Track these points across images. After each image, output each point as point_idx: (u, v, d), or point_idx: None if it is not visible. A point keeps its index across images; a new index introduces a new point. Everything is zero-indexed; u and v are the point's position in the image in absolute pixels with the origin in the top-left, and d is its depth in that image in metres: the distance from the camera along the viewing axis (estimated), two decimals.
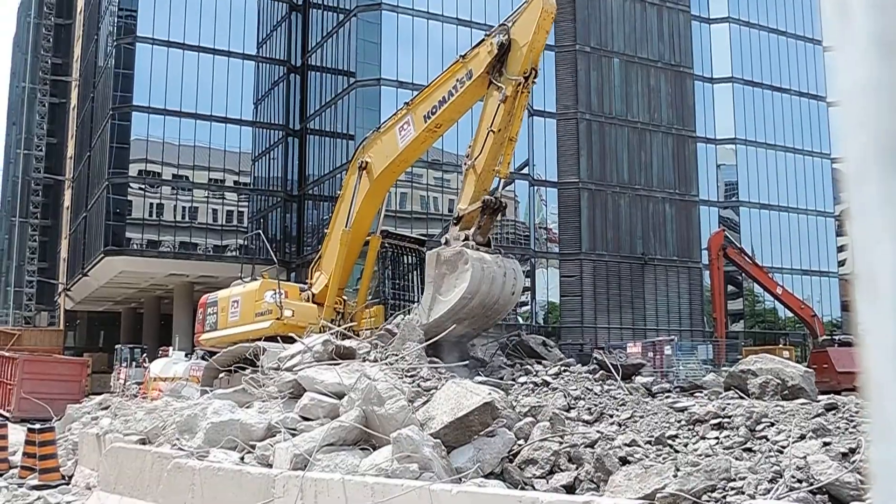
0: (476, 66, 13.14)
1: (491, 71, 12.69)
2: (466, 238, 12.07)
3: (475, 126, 12.93)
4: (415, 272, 17.73)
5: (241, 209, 48.74)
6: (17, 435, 16.24)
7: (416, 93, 41.33)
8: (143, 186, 46.32)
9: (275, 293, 15.63)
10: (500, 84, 12.48)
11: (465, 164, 12.74)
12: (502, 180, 12.89)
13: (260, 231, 45.92)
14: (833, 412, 7.66)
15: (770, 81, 55.79)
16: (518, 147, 13.95)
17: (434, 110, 14.01)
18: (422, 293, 17.66)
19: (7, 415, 27.06)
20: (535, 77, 12.54)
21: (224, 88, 47.29)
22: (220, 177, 48.04)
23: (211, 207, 47.57)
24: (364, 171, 15.42)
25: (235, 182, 48.57)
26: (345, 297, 16.49)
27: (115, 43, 47.18)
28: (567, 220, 47.21)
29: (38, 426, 13.74)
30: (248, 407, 10.01)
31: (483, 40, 13.11)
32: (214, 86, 46.99)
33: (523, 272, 45.74)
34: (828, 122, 57.05)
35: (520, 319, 45.28)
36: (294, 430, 8.45)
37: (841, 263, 55.90)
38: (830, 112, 57.70)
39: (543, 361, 11.84)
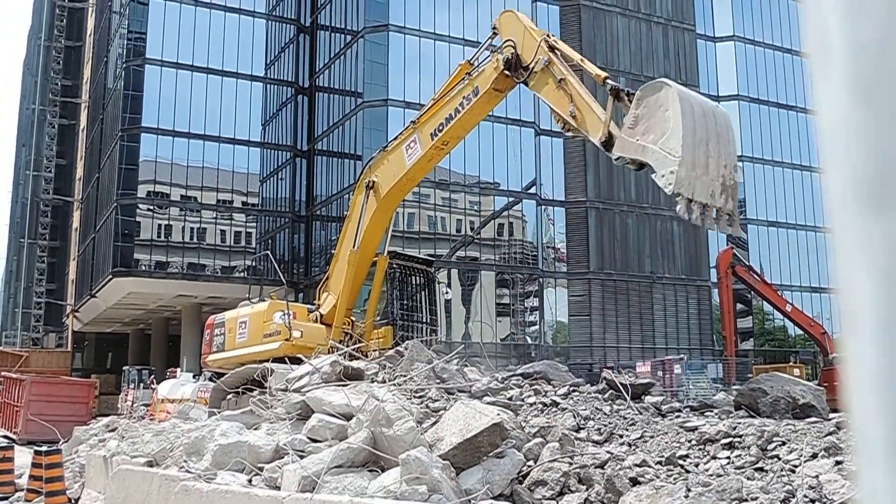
0: (482, 83, 13.24)
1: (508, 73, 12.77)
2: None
3: (482, 144, 13.04)
4: (423, 292, 17.69)
5: (249, 230, 48.85)
6: (23, 457, 16.20)
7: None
8: (151, 207, 46.48)
9: (284, 314, 15.60)
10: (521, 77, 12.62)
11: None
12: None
13: (268, 252, 46.03)
14: (845, 430, 7.59)
15: (776, 99, 55.82)
16: (525, 166, 14.04)
17: (441, 127, 14.03)
18: (429, 314, 17.66)
19: (14, 437, 27.02)
20: None
21: (232, 110, 47.54)
22: (228, 198, 48.19)
23: (219, 228, 47.70)
24: (371, 191, 15.41)
25: (243, 203, 48.71)
26: (353, 318, 16.44)
27: (124, 65, 47.51)
28: (575, 239, 47.18)
29: (44, 448, 13.70)
30: (256, 429, 9.97)
31: (489, 57, 13.18)
32: (223, 107, 47.25)
33: (531, 292, 45.81)
34: None
35: (528, 339, 45.21)
36: (302, 451, 8.41)
37: None
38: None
39: (553, 381, 11.77)
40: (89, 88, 65.04)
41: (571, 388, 10.92)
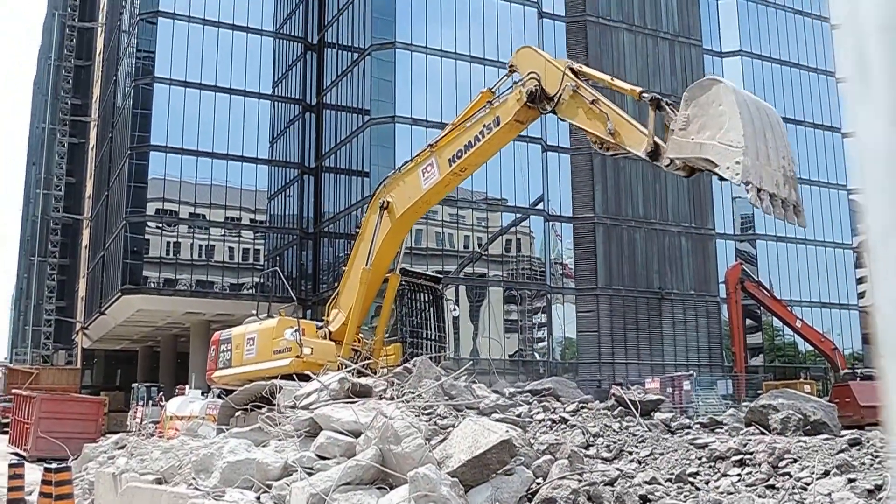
0: (504, 114, 13.18)
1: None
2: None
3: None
4: (431, 309, 17.67)
5: (257, 247, 48.96)
6: (33, 474, 16.20)
7: (430, 129, 41.38)
8: (160, 225, 46.64)
9: (295, 330, 15.58)
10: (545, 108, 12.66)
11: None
12: None
13: (277, 268, 46.12)
14: (857, 448, 7.55)
15: (784, 114, 55.55)
16: (532, 182, 14.02)
17: (459, 154, 13.95)
18: (437, 331, 17.64)
19: (24, 454, 27.06)
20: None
21: (240, 127, 47.76)
22: (236, 215, 48.33)
23: (227, 245, 47.81)
24: (385, 211, 15.33)
25: (251, 220, 48.85)
26: (361, 335, 16.42)
27: (133, 83, 47.80)
28: (583, 255, 47.12)
29: (54, 466, 13.69)
30: (264, 446, 9.96)
31: (513, 87, 13.10)
32: (231, 125, 47.47)
33: (539, 308, 45.68)
34: (843, 154, 56.90)
35: (536, 356, 45.11)
36: (310, 469, 8.39)
37: (861, 295, 55.44)
38: (846, 143, 57.63)
39: (561, 398, 11.74)
40: (99, 107, 65.45)
41: (580, 405, 10.88)
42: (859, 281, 55.65)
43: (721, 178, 10.04)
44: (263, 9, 50.01)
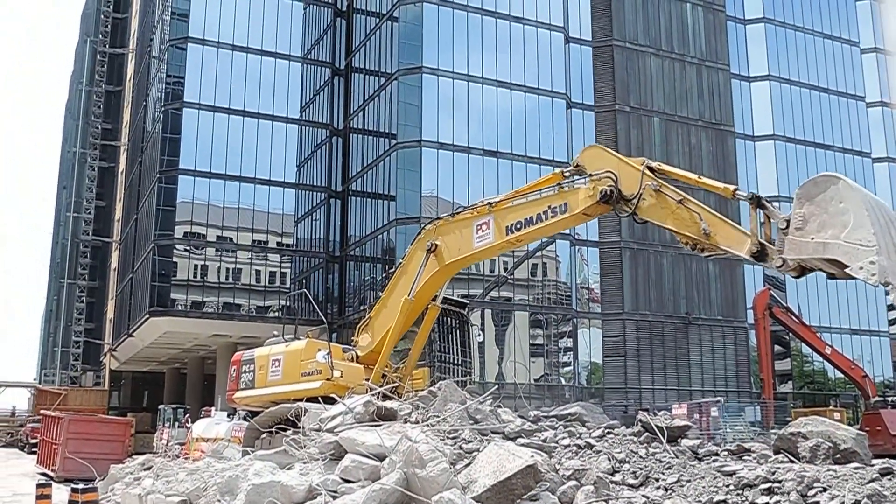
0: (573, 204, 12.86)
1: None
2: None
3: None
4: (455, 332, 17.63)
5: (283, 270, 49.19)
6: (60, 495, 16.29)
7: (457, 154, 41.74)
8: (188, 248, 47.00)
9: (327, 353, 15.56)
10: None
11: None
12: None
13: (305, 290, 46.30)
14: (888, 477, 7.44)
15: (813, 138, 55.47)
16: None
17: (519, 226, 13.64)
18: (462, 355, 17.59)
19: (52, 474, 27.24)
20: None
21: (268, 152, 48.15)
22: (263, 238, 48.64)
23: (254, 268, 48.09)
24: (432, 254, 15.11)
25: (278, 243, 49.12)
26: (391, 361, 16.36)
27: (162, 108, 48.37)
28: (609, 279, 46.90)
29: (81, 486, 13.76)
30: (289, 468, 9.96)
31: (587, 179, 12.68)
32: (258, 149, 47.87)
33: (565, 333, 45.49)
34: (874, 180, 56.44)
35: (562, 381, 44.87)
36: (335, 492, 8.39)
37: (892, 322, 54.75)
38: (876, 169, 57.20)
39: (587, 423, 11.66)
40: (129, 132, 66.24)
41: (606, 431, 10.80)
42: (890, 308, 54.98)
43: (850, 278, 9.61)
44: (292, 34, 50.54)
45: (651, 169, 12.11)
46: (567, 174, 13.29)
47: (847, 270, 9.40)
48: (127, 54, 73.59)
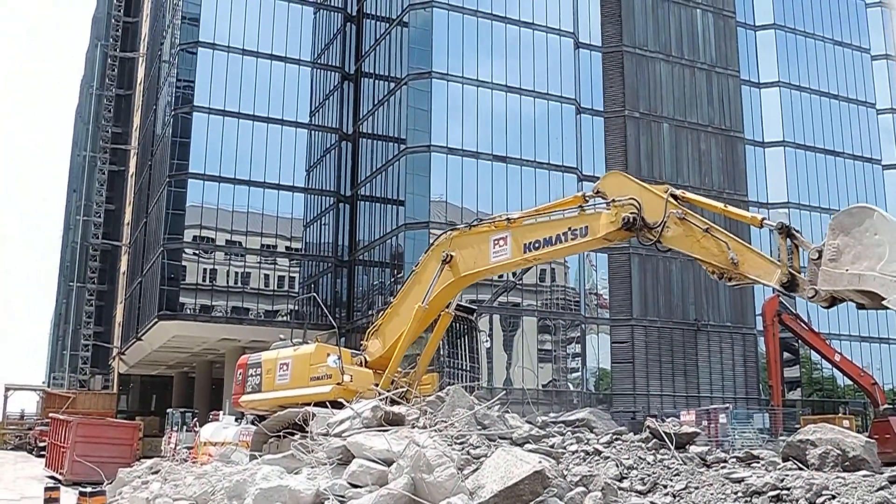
0: (593, 229, 12.74)
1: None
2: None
3: (525, 188, 12.68)
4: (464, 338, 17.61)
5: (292, 274, 49.26)
6: (68, 498, 16.33)
7: (466, 159, 41.68)
8: (197, 252, 47.11)
9: (337, 357, 15.52)
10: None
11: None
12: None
13: (314, 294, 46.33)
14: None
15: (822, 145, 55.33)
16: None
17: (537, 245, 13.53)
18: (470, 361, 17.55)
19: (60, 477, 27.31)
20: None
21: (277, 156, 48.25)
22: (272, 242, 48.73)
23: (263, 273, 48.16)
24: (447, 265, 14.99)
25: (287, 248, 49.19)
26: (400, 367, 16.32)
27: (172, 112, 48.54)
28: (618, 285, 46.84)
29: (89, 490, 13.81)
30: (296, 473, 9.96)
31: (609, 204, 12.51)
32: (268, 153, 47.97)
33: (573, 338, 45.40)
34: (883, 187, 56.29)
35: (570, 386, 44.80)
36: (342, 497, 8.39)
37: None
38: (887, 176, 57.05)
39: (595, 429, 11.64)
40: (139, 135, 66.49)
41: (614, 437, 10.78)
42: None
43: (884, 309, 9.59)
44: (301, 39, 50.66)
45: (675, 197, 12.00)
46: (588, 197, 13.17)
47: (884, 303, 9.41)
48: (137, 58, 73.89)
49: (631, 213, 12.08)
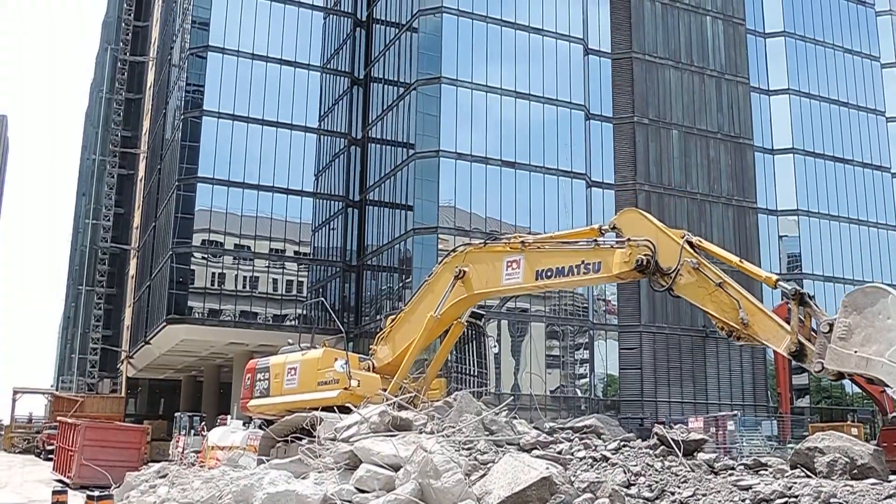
0: (607, 264, 12.53)
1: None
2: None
3: (533, 195, 12.64)
4: (472, 343, 17.59)
5: (300, 279, 49.33)
6: (76, 502, 16.37)
7: (475, 164, 41.74)
8: (205, 256, 47.21)
9: (345, 362, 15.51)
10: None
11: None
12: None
13: (322, 299, 46.38)
14: None
15: (832, 152, 55.19)
16: (576, 217, 13.66)
17: (549, 274, 13.37)
18: (478, 366, 17.53)
19: (68, 481, 27.34)
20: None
21: (286, 160, 48.37)
22: (280, 247, 48.80)
23: (271, 277, 48.25)
24: (460, 280, 14.88)
25: (295, 252, 49.27)
26: (409, 374, 16.30)
27: (182, 116, 48.68)
28: (626, 291, 46.73)
29: (96, 493, 13.83)
30: (304, 478, 9.98)
31: (624, 242, 12.25)
32: (277, 158, 48.10)
33: (581, 344, 45.30)
34: (893, 194, 56.14)
35: (578, 392, 44.74)
36: (350, 502, 8.39)
37: None
38: (895, 184, 56.95)
39: (603, 435, 11.62)
40: (148, 139, 66.69)
41: (622, 443, 10.75)
42: None
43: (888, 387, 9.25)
44: (311, 44, 50.81)
45: (691, 244, 11.69)
46: (604, 231, 13.01)
47: (889, 392, 9.24)
48: (147, 62, 74.12)
49: (645, 256, 11.80)
